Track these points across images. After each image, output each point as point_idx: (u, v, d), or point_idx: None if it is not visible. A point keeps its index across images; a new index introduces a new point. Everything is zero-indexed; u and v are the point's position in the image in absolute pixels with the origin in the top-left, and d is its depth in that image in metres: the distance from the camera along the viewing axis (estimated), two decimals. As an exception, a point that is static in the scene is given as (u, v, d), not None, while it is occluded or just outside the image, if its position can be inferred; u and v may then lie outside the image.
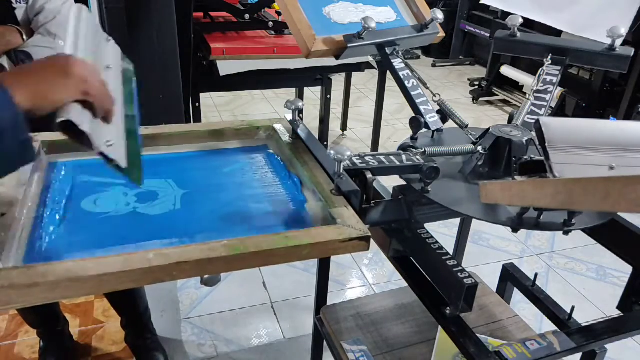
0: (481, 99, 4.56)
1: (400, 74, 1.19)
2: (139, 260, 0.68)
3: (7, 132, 0.54)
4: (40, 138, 1.00)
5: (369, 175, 0.90)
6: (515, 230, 0.90)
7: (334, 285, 2.03)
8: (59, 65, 0.60)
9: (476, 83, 4.66)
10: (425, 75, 3.75)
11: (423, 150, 0.99)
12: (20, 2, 1.24)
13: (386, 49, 1.22)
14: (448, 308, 0.91)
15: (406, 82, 1.18)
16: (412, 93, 1.17)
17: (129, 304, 1.76)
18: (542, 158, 0.81)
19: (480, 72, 5.25)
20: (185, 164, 1.04)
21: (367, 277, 2.34)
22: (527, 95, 1.16)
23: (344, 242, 0.78)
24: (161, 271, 0.69)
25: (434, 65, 5.52)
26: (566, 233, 0.89)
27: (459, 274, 0.86)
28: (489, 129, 1.04)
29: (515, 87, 4.39)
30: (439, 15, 1.26)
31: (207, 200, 0.92)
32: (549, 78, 1.17)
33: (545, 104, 1.13)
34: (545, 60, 1.21)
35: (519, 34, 1.26)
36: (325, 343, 1.49)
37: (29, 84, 0.57)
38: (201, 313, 2.05)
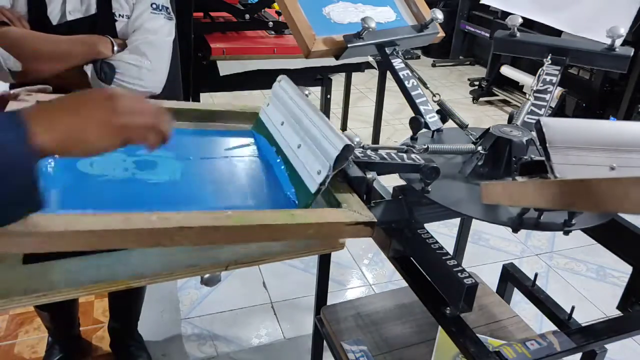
0: (481, 99, 4.56)
1: (400, 74, 1.19)
2: (141, 220, 0.65)
3: (6, 176, 0.43)
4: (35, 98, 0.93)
5: (369, 176, 0.90)
6: (515, 230, 0.90)
7: (334, 285, 2.03)
8: (102, 107, 0.47)
9: (476, 83, 4.66)
10: (425, 75, 3.73)
11: (426, 146, 0.99)
12: (122, 17, 1.24)
13: (386, 49, 1.22)
14: (448, 308, 0.91)
15: (406, 82, 1.18)
16: (412, 93, 1.17)
17: (128, 308, 1.77)
18: (543, 158, 0.81)
19: (480, 72, 5.24)
20: (187, 140, 1.02)
21: (367, 277, 2.34)
22: (527, 95, 1.16)
23: (349, 225, 0.76)
24: (163, 234, 0.66)
25: (434, 65, 5.52)
26: (566, 233, 0.89)
27: (459, 274, 0.86)
28: (489, 129, 1.04)
29: (515, 87, 4.39)
30: (439, 15, 1.26)
31: (207, 177, 0.91)
32: (548, 78, 1.17)
33: (545, 104, 1.13)
34: (545, 60, 1.21)
35: (519, 34, 1.26)
36: (325, 343, 1.49)
37: (60, 124, 0.45)
38: (201, 313, 2.05)
